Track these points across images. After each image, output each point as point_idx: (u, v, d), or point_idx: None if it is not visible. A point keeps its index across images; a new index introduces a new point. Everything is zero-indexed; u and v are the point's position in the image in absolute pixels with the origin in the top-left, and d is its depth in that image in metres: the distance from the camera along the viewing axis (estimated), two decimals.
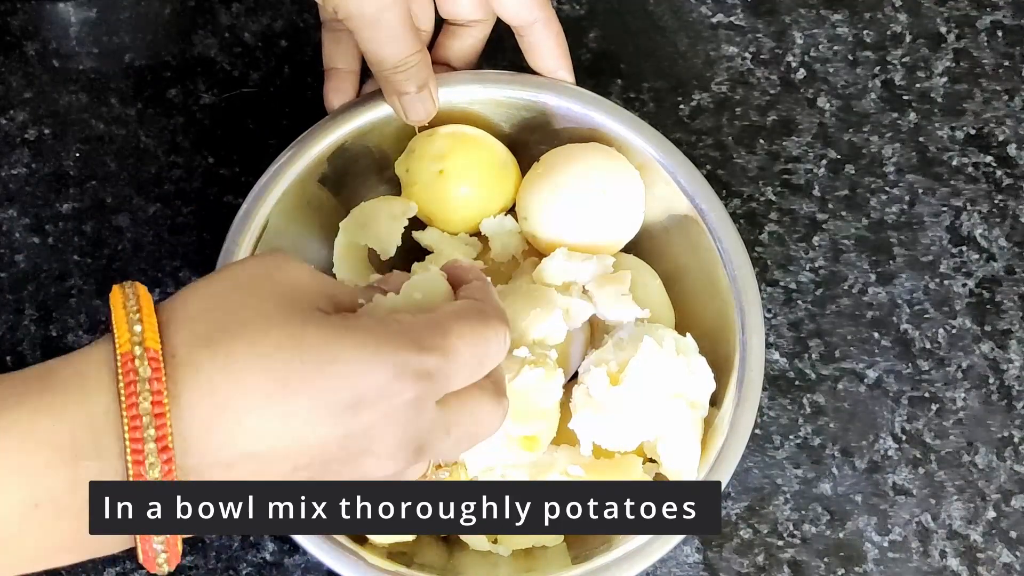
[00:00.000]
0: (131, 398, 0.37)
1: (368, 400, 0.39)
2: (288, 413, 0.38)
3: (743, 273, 0.54)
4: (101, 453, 0.38)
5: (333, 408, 0.39)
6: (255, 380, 0.38)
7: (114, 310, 0.39)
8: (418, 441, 0.42)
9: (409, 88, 0.54)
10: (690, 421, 0.52)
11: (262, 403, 0.38)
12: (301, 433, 0.39)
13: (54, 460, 0.37)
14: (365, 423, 0.39)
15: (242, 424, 0.38)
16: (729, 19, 0.66)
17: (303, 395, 0.38)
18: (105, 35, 0.63)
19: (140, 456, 0.37)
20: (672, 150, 0.56)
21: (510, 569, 0.53)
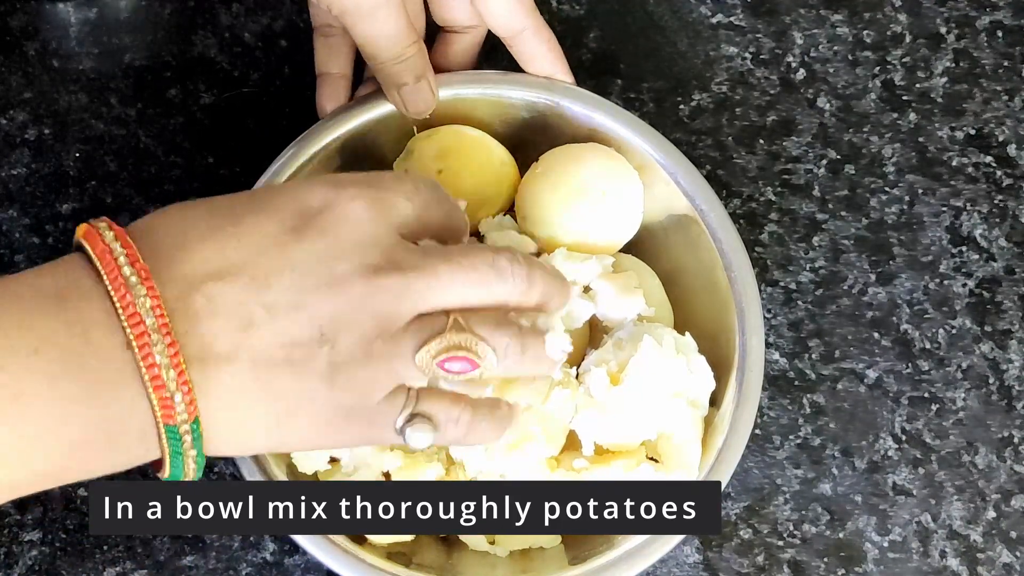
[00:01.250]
0: (97, 243, 0.40)
1: (315, 210, 0.42)
2: (239, 233, 0.41)
3: (743, 274, 0.54)
4: (85, 293, 0.40)
5: (281, 220, 0.42)
6: (206, 218, 0.42)
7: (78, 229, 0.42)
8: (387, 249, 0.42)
9: (407, 79, 0.54)
10: (691, 420, 0.52)
11: (217, 227, 0.41)
12: (259, 246, 0.41)
13: (43, 302, 0.39)
14: (319, 227, 0.42)
15: (206, 246, 0.41)
16: (729, 19, 0.66)
17: (251, 216, 0.42)
18: (105, 35, 0.63)
19: (118, 281, 0.39)
20: (672, 150, 0.56)
21: (507, 570, 0.53)
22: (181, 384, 0.39)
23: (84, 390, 0.39)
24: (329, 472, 0.53)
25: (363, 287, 0.42)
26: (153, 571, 0.56)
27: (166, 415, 0.40)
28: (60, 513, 0.56)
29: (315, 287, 0.41)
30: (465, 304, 0.44)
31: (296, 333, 0.41)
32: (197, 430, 0.40)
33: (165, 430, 0.40)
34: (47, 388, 0.38)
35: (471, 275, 0.44)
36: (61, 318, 0.39)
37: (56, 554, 0.56)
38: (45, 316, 0.39)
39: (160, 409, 0.39)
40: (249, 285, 0.40)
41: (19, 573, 0.55)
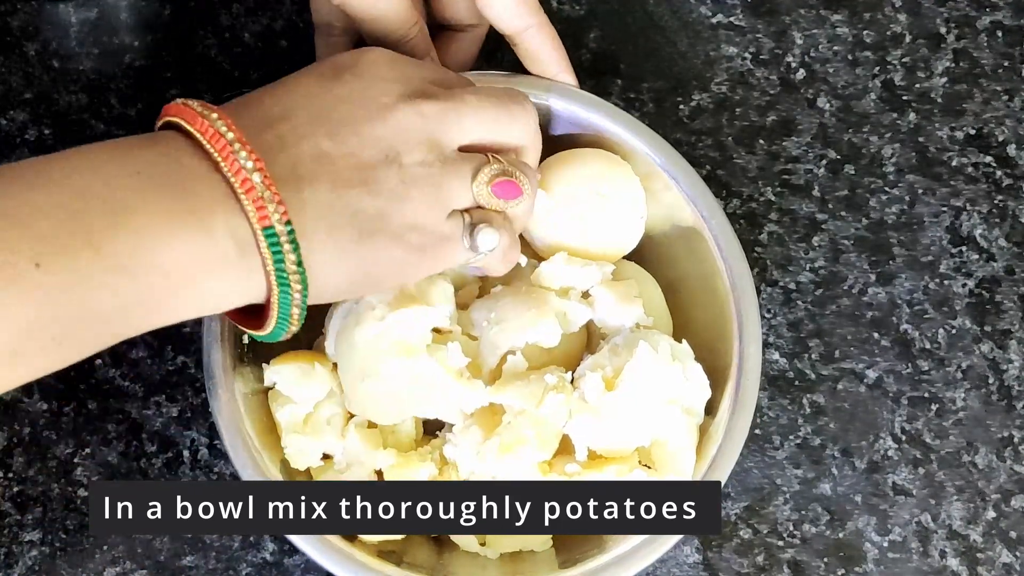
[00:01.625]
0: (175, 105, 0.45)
1: (346, 62, 0.48)
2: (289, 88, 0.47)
3: (742, 282, 0.54)
4: (172, 139, 0.44)
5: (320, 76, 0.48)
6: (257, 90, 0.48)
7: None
8: (417, 84, 0.48)
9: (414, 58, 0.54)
10: (685, 427, 0.52)
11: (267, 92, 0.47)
12: (304, 90, 0.47)
13: (140, 143, 0.44)
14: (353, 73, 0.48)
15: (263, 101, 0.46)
16: (729, 19, 0.66)
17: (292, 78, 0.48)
18: (105, 35, 0.63)
19: (198, 121, 0.44)
20: (675, 156, 0.56)
21: (498, 572, 0.53)
22: (268, 185, 0.43)
23: (184, 205, 0.42)
24: (322, 469, 0.53)
25: (408, 112, 0.47)
26: (153, 571, 0.56)
27: (261, 216, 0.43)
28: (60, 513, 0.56)
29: (366, 116, 0.46)
30: (494, 139, 0.50)
31: (363, 155, 0.46)
32: (293, 233, 0.43)
33: (264, 234, 0.43)
34: (155, 201, 0.42)
35: (494, 102, 0.50)
36: (156, 150, 0.43)
37: (56, 554, 0.56)
38: (142, 149, 0.43)
39: (255, 212, 0.43)
40: (310, 120, 0.45)
41: (19, 573, 0.56)
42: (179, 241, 0.42)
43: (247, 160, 0.43)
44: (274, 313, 0.45)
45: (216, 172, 0.43)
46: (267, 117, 0.45)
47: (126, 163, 0.42)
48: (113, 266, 0.41)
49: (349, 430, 0.53)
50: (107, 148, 0.43)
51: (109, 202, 0.41)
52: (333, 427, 0.53)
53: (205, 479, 0.57)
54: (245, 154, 0.43)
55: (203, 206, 0.42)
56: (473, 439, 0.51)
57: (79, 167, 0.42)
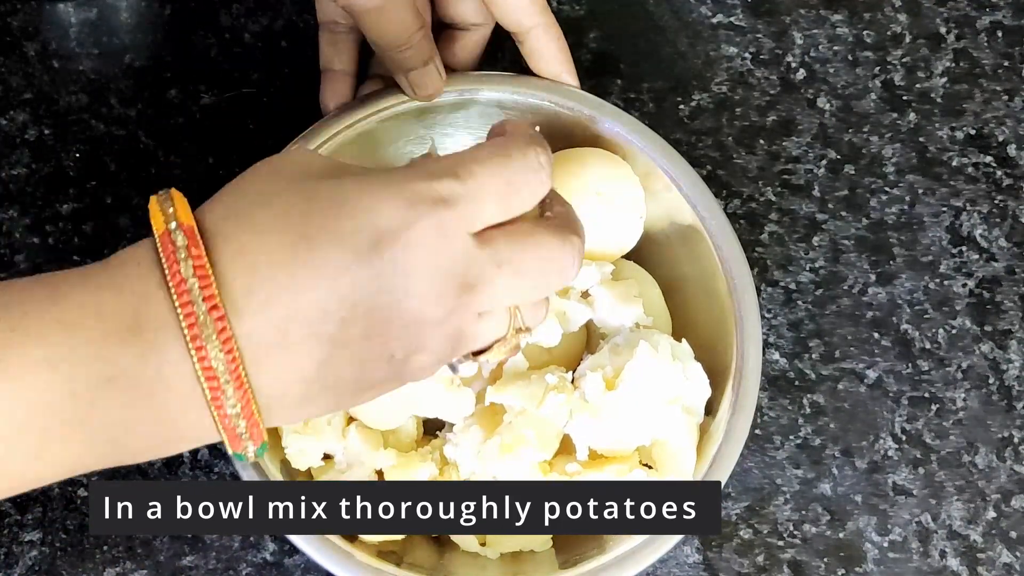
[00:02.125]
0: (173, 266, 0.39)
1: (388, 233, 0.40)
2: (313, 263, 0.40)
3: (742, 282, 0.54)
4: (160, 325, 0.39)
5: (355, 249, 0.40)
6: (277, 238, 0.40)
7: (151, 207, 0.41)
8: (460, 274, 0.42)
9: (415, 64, 0.54)
10: (686, 426, 0.52)
11: (288, 257, 0.40)
12: (333, 281, 0.40)
13: (121, 332, 0.39)
14: (391, 258, 0.40)
15: (276, 280, 0.39)
16: (729, 19, 0.66)
17: (323, 241, 0.40)
18: (105, 35, 0.63)
19: (193, 319, 0.39)
20: (675, 157, 0.56)
21: (498, 572, 0.53)
22: (251, 426, 0.40)
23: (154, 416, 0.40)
24: (323, 469, 0.53)
25: (435, 317, 0.42)
26: (153, 571, 0.56)
27: (234, 446, 0.41)
28: (60, 513, 0.56)
29: (387, 320, 0.41)
30: (522, 300, 0.45)
31: (369, 359, 0.41)
32: (262, 451, 0.42)
33: (235, 456, 0.42)
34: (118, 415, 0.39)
35: (540, 281, 0.44)
36: (136, 349, 0.39)
37: (56, 554, 0.56)
38: (122, 346, 0.39)
39: (229, 442, 0.41)
40: (321, 318, 0.40)
41: (19, 573, 0.55)
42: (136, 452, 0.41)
43: (235, 407, 0.40)
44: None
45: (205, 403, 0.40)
46: (276, 300, 0.39)
47: (100, 365, 0.39)
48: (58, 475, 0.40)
49: (350, 430, 0.53)
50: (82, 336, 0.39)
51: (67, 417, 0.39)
52: (334, 427, 0.53)
53: (205, 479, 0.57)
54: (234, 400, 0.40)
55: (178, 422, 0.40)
56: (474, 439, 0.51)
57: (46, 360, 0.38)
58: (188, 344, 0.39)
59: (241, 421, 0.40)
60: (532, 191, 0.44)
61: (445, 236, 0.41)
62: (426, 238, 0.41)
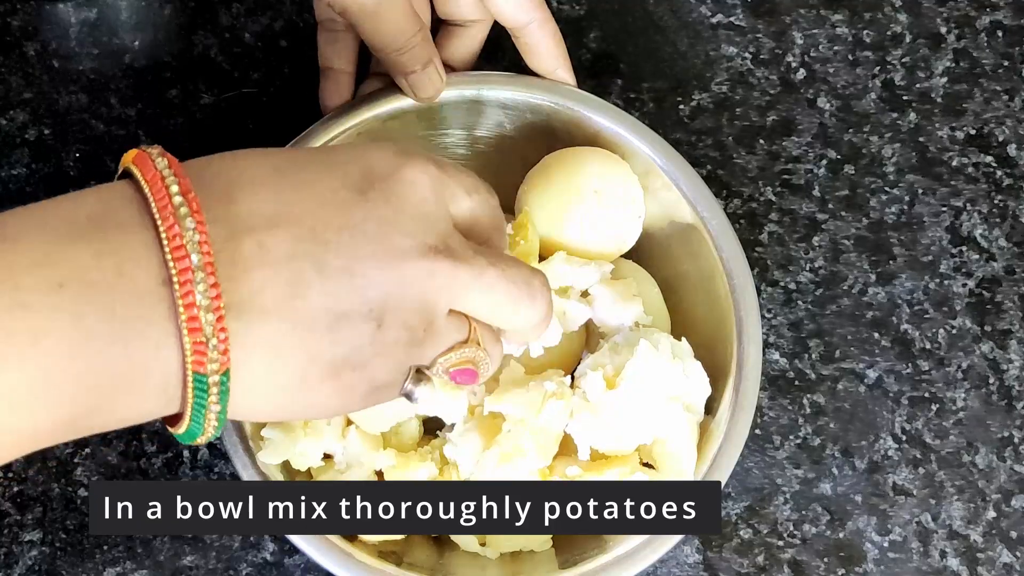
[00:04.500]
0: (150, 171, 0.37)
1: (379, 172, 0.40)
2: (305, 180, 0.39)
3: (742, 282, 0.54)
4: (124, 224, 0.36)
5: (344, 178, 0.40)
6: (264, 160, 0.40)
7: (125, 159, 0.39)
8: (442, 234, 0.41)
9: (415, 66, 0.54)
10: (686, 425, 0.52)
11: (275, 172, 0.39)
12: (317, 192, 0.39)
13: (73, 229, 0.36)
14: (382, 189, 0.40)
15: (263, 190, 0.38)
16: (729, 19, 0.66)
17: (314, 167, 0.39)
18: (105, 35, 0.63)
19: (167, 210, 0.36)
20: (675, 156, 0.56)
21: (498, 572, 0.53)
22: (218, 330, 0.37)
23: (109, 329, 0.36)
24: (322, 469, 0.53)
25: (417, 267, 0.40)
26: (153, 571, 0.56)
27: (197, 362, 0.37)
28: (60, 513, 0.56)
29: (371, 255, 0.39)
30: (491, 318, 0.44)
31: (345, 302, 0.39)
32: (226, 383, 0.38)
33: (193, 378, 0.37)
34: (70, 327, 0.35)
35: (510, 289, 0.43)
36: (92, 248, 0.36)
37: (56, 554, 0.56)
38: (74, 246, 0.36)
39: (192, 355, 0.37)
40: (304, 238, 0.38)
41: (19, 573, 0.55)
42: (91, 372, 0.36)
43: (204, 296, 0.36)
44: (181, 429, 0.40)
45: (165, 286, 0.36)
46: (260, 214, 0.38)
47: (50, 269, 0.35)
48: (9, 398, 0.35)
49: (350, 431, 0.53)
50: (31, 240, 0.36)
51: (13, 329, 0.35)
52: (333, 427, 0.53)
53: (205, 479, 0.57)
54: (205, 287, 0.36)
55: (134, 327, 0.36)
56: (473, 448, 0.51)
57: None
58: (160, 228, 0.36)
59: (210, 315, 0.36)
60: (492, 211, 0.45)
61: (436, 194, 0.41)
62: (416, 181, 0.41)
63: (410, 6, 0.53)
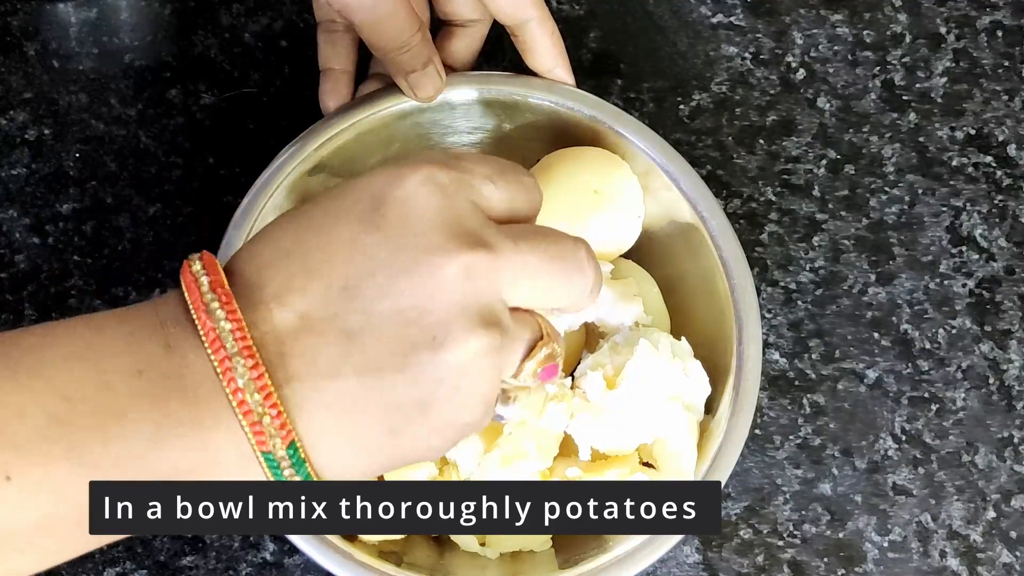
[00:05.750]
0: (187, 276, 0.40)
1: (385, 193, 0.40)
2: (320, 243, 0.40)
3: (742, 281, 0.54)
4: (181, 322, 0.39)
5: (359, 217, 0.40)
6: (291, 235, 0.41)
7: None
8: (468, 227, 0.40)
9: (415, 66, 0.54)
10: (686, 424, 0.52)
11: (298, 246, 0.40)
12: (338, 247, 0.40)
13: (146, 329, 0.39)
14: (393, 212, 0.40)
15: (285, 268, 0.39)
16: (729, 19, 0.66)
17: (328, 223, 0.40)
18: (105, 35, 0.63)
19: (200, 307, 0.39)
20: (675, 156, 0.56)
21: (498, 572, 0.53)
22: (269, 407, 0.38)
23: (186, 413, 0.38)
24: None
25: (453, 269, 0.39)
26: (153, 571, 0.56)
27: (259, 441, 0.38)
28: None
29: (408, 282, 0.39)
30: (546, 300, 0.43)
31: (403, 338, 0.39)
32: (296, 455, 0.39)
33: (263, 456, 0.38)
34: (150, 408, 0.38)
35: (557, 268, 0.42)
36: (162, 342, 0.38)
37: None
38: (148, 340, 0.38)
39: (253, 436, 0.38)
40: (341, 295, 0.39)
41: None
42: (175, 452, 0.38)
43: (244, 375, 0.38)
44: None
45: (217, 376, 0.38)
46: (291, 287, 0.39)
47: (129, 358, 0.38)
48: (93, 476, 0.37)
49: None
50: (117, 330, 0.39)
51: (100, 408, 0.37)
52: None
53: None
54: (243, 368, 0.38)
55: (205, 418, 0.38)
56: (473, 449, 0.51)
57: (75, 354, 0.38)
58: (197, 325, 0.38)
59: (256, 396, 0.38)
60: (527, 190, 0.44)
61: (445, 190, 0.41)
62: (423, 189, 0.40)
63: (409, 6, 0.53)
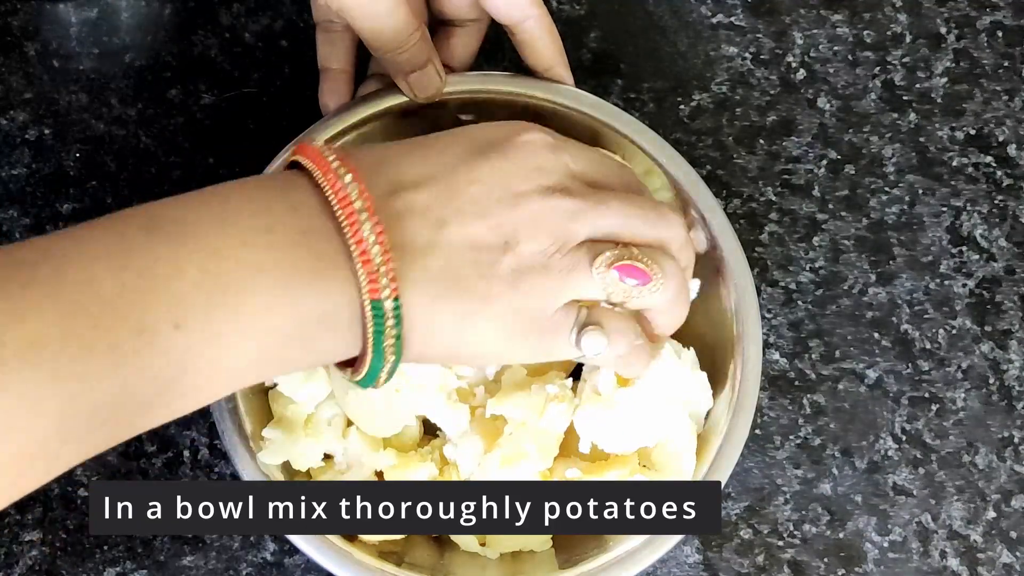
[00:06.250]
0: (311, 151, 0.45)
1: (498, 139, 0.48)
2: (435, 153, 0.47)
3: (742, 283, 0.54)
4: (301, 187, 0.45)
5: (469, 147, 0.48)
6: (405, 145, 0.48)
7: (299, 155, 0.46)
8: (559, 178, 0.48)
9: (414, 66, 0.54)
10: (688, 432, 0.52)
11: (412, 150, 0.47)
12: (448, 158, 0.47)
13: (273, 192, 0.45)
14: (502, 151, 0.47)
15: (400, 164, 0.46)
16: (729, 19, 0.66)
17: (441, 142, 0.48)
18: (105, 35, 0.63)
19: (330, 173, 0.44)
20: (675, 156, 0.56)
21: (498, 572, 0.53)
22: (386, 260, 0.43)
23: (311, 266, 0.43)
24: (322, 470, 0.53)
25: (540, 203, 0.46)
26: (153, 571, 0.56)
27: (372, 290, 0.43)
28: (60, 513, 0.56)
29: (498, 200, 0.46)
30: (633, 235, 0.48)
31: (482, 236, 0.46)
32: (399, 309, 0.44)
33: (371, 306, 0.43)
34: (283, 261, 0.43)
35: (639, 212, 0.48)
36: (288, 202, 0.44)
37: (56, 554, 0.56)
38: (277, 201, 0.44)
39: (367, 284, 0.43)
40: (442, 194, 0.46)
41: (19, 573, 0.56)
42: (303, 304, 0.43)
43: (370, 233, 0.43)
44: (363, 370, 0.45)
45: (340, 234, 0.43)
46: (401, 182, 0.46)
47: (261, 217, 0.43)
48: (244, 327, 0.42)
49: (351, 431, 0.53)
50: (244, 196, 0.44)
51: (244, 262, 0.42)
52: (334, 428, 0.53)
53: (205, 479, 0.57)
54: (369, 226, 0.43)
55: (326, 269, 0.43)
56: (474, 449, 0.51)
57: (216, 217, 0.43)
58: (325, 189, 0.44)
59: (376, 247, 0.43)
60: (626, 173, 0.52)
61: (546, 149, 0.48)
62: (529, 144, 0.48)
63: (407, 6, 0.53)
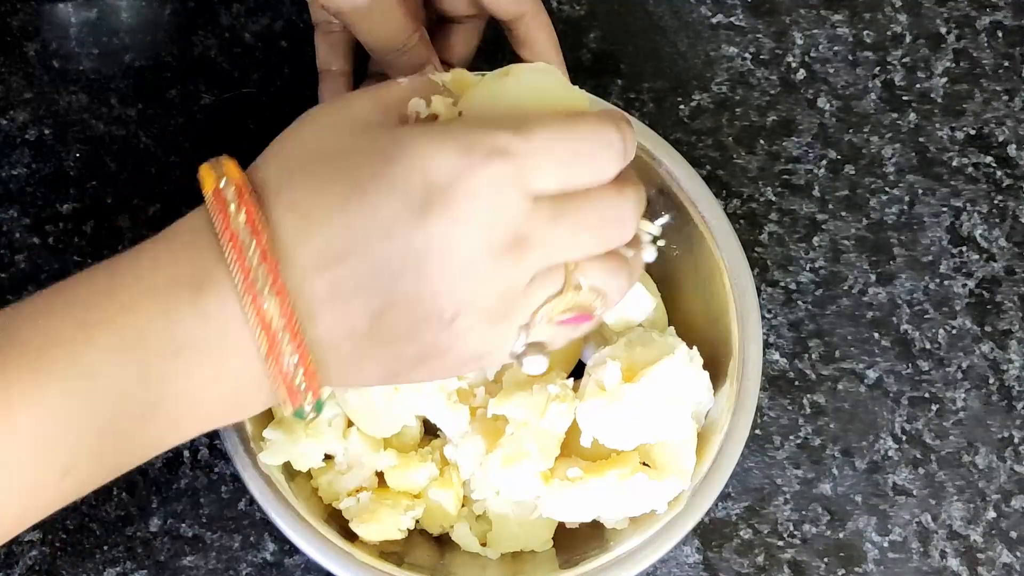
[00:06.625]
0: (225, 221, 0.40)
1: (440, 187, 0.39)
2: (368, 209, 0.40)
3: (742, 283, 0.54)
4: (218, 283, 0.40)
5: (406, 201, 0.40)
6: (330, 187, 0.40)
7: (200, 173, 0.42)
8: (512, 230, 0.40)
9: (413, 67, 0.54)
10: (689, 431, 0.52)
11: (341, 204, 0.40)
12: (385, 234, 0.40)
13: (182, 302, 0.40)
14: (441, 212, 0.40)
15: (331, 225, 0.40)
16: (729, 19, 0.66)
17: (375, 192, 0.40)
18: (105, 35, 0.63)
19: (246, 272, 0.39)
20: (675, 156, 0.56)
21: (498, 572, 0.53)
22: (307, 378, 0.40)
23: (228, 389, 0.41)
24: (323, 470, 0.53)
25: (487, 270, 0.40)
26: (153, 571, 0.56)
27: (293, 401, 0.41)
28: (60, 513, 0.56)
29: (438, 273, 0.40)
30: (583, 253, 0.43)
31: (420, 315, 0.41)
32: (320, 406, 0.42)
33: (292, 412, 0.41)
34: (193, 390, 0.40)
35: (594, 230, 0.42)
36: (197, 316, 0.40)
37: (56, 554, 0.56)
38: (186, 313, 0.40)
39: (289, 400, 0.41)
40: (372, 271, 0.40)
41: (19, 573, 0.55)
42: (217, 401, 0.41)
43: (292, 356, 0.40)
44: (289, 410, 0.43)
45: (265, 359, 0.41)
46: (329, 255, 0.40)
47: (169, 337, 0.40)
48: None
49: (351, 431, 0.53)
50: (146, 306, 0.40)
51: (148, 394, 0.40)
52: (335, 428, 0.53)
53: (205, 479, 0.57)
54: (291, 349, 0.40)
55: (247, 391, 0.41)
56: (475, 450, 0.51)
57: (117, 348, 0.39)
58: (242, 297, 0.39)
59: (299, 371, 0.40)
60: (598, 167, 0.42)
61: (498, 191, 0.40)
62: (479, 191, 0.40)
63: (404, 6, 0.53)
